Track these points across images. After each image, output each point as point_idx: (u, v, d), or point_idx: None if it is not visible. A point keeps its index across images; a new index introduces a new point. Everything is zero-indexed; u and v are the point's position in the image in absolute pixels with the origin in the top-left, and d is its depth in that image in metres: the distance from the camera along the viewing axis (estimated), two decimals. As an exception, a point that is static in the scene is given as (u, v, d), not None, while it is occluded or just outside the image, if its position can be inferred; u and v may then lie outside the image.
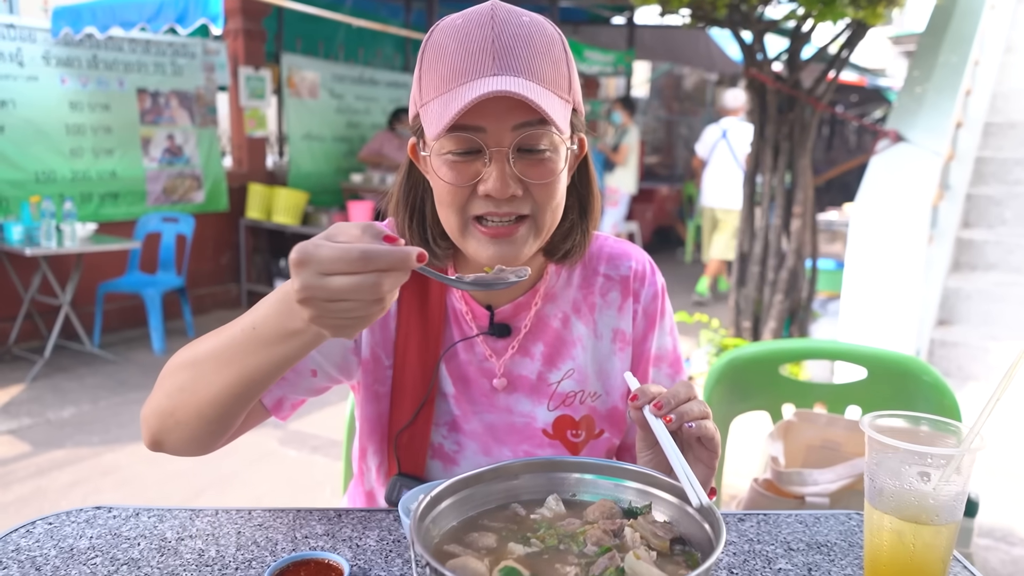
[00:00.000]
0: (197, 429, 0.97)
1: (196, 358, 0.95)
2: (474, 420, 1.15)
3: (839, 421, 1.69)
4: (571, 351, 1.17)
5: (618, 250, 1.22)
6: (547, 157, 0.97)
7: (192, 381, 0.94)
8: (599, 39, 9.68)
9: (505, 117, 0.93)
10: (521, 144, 0.96)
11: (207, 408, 0.94)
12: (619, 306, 1.20)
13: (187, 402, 0.95)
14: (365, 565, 0.97)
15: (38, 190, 5.36)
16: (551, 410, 1.15)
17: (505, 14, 0.96)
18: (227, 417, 0.97)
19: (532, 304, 1.15)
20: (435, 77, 0.95)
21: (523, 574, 0.74)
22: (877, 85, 13.39)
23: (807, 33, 3.94)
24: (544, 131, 0.95)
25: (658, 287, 1.22)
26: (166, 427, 0.99)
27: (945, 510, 0.89)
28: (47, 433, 4.00)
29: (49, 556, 0.98)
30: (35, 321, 5.42)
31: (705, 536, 0.79)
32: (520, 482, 0.89)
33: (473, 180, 0.96)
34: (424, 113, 0.96)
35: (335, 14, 6.24)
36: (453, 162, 0.97)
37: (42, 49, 5.42)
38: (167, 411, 0.98)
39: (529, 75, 0.93)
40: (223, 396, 0.93)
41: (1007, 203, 4.69)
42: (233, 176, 6.79)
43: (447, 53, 0.94)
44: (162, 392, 0.98)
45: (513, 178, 0.96)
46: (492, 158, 0.95)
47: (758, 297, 4.14)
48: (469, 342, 1.15)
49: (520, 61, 0.93)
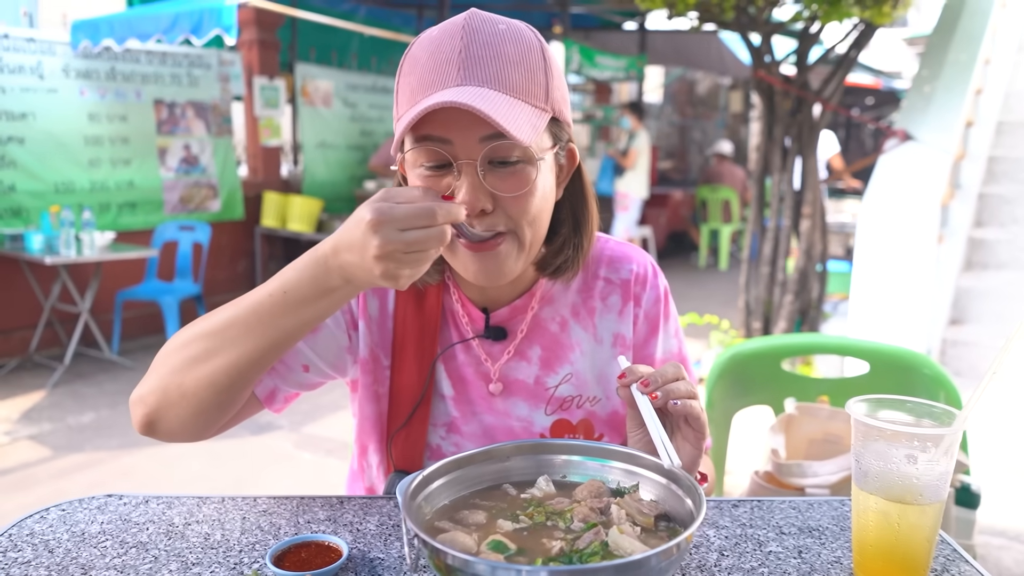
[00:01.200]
0: (203, 402, 0.98)
1: (213, 328, 0.95)
2: (473, 422, 1.16)
3: (840, 414, 1.70)
4: (569, 355, 1.16)
5: (619, 253, 1.21)
6: (518, 169, 0.96)
7: (208, 351, 0.95)
8: (611, 45, 9.73)
9: (471, 129, 0.93)
10: (492, 156, 0.94)
11: (222, 377, 0.96)
12: (619, 310, 1.18)
13: (200, 372, 0.96)
14: (364, 548, 1.00)
15: (57, 200, 5.46)
16: (548, 414, 1.15)
17: (479, 23, 0.95)
18: (236, 390, 0.99)
19: (529, 308, 1.15)
20: (407, 90, 0.96)
21: (510, 547, 0.76)
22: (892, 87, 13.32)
23: (815, 34, 3.95)
24: (514, 143, 0.92)
25: (660, 290, 1.21)
26: (168, 402, 0.99)
27: (930, 490, 0.90)
28: (67, 437, 4.07)
29: (62, 540, 1.02)
30: (55, 329, 5.51)
31: (686, 510, 0.82)
32: (511, 464, 0.92)
33: (447, 192, 0.95)
34: (397, 127, 0.97)
35: (348, 23, 6.33)
36: (425, 176, 0.97)
37: (62, 62, 5.53)
38: (173, 385, 0.98)
39: (496, 84, 0.92)
40: (242, 363, 0.95)
41: (1020, 202, 4.67)
42: (248, 185, 6.88)
43: (419, 65, 0.95)
44: (166, 368, 0.98)
45: (483, 192, 0.95)
46: (461, 171, 0.94)
47: (768, 298, 4.14)
48: (467, 343, 1.16)
49: (487, 70, 0.92)
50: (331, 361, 1.16)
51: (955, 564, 1.01)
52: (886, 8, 3.50)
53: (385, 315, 1.16)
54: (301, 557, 0.95)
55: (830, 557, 1.01)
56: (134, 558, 0.98)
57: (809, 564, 0.99)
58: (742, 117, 13.77)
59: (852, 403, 0.96)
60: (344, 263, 0.86)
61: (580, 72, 8.31)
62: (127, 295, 5.50)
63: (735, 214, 9.77)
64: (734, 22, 3.86)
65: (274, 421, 4.32)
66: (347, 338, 1.16)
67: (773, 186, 4.08)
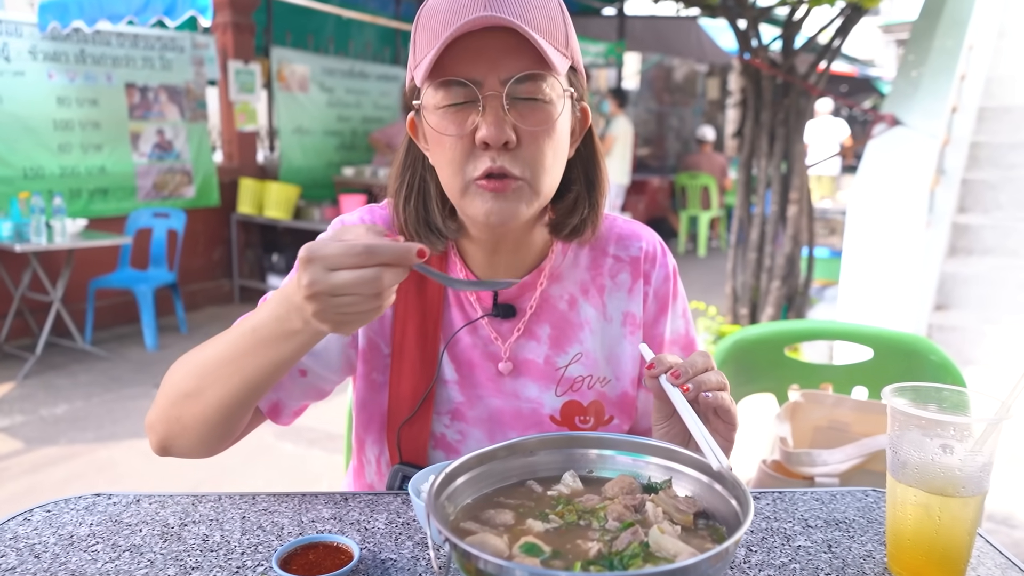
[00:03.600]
0: (204, 434, 0.99)
1: (200, 365, 0.96)
2: (478, 407, 1.11)
3: (846, 401, 1.67)
4: (578, 334, 1.13)
5: (628, 230, 1.18)
6: (540, 106, 0.95)
7: (197, 388, 0.96)
8: (589, 30, 9.64)
9: (497, 66, 0.92)
10: (516, 92, 0.93)
11: (213, 413, 0.96)
12: (629, 288, 1.15)
13: (193, 408, 0.97)
14: (375, 548, 0.95)
15: (26, 186, 5.29)
16: (559, 395, 1.11)
17: None
18: (233, 420, 0.99)
19: (537, 284, 1.11)
20: (428, 34, 0.94)
21: (544, 550, 0.71)
22: (867, 75, 13.40)
23: (801, 19, 3.92)
24: (539, 82, 0.93)
25: (669, 269, 1.18)
26: (173, 432, 1.01)
27: (972, 481, 0.86)
28: (40, 430, 3.95)
29: (48, 544, 0.95)
30: (26, 318, 5.36)
31: (730, 510, 0.77)
32: (536, 459, 0.86)
33: (469, 128, 0.94)
34: (418, 72, 0.94)
35: (324, 5, 6.20)
36: (446, 112, 0.94)
37: (29, 44, 5.35)
38: (173, 418, 0.99)
39: (523, 20, 0.91)
40: (228, 400, 0.95)
41: (1002, 187, 4.69)
42: (224, 171, 6.73)
43: (439, 10, 0.93)
44: (167, 400, 0.99)
45: (508, 124, 0.93)
46: (486, 104, 0.92)
47: (755, 284, 4.13)
48: (473, 325, 1.11)
49: (513, 9, 0.91)
50: (333, 363, 1.11)
51: (989, 556, 0.98)
52: (874, -9, 3.48)
53: None
54: (309, 559, 0.89)
55: (861, 551, 0.97)
56: (128, 562, 0.91)
57: (841, 559, 0.95)
58: (719, 104, 13.78)
59: (887, 391, 0.92)
60: (297, 303, 0.82)
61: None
62: (100, 283, 5.36)
63: (714, 201, 9.78)
64: (721, 7, 3.82)
65: (255, 412, 4.24)
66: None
67: (760, 172, 4.05)
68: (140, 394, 4.51)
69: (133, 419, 4.12)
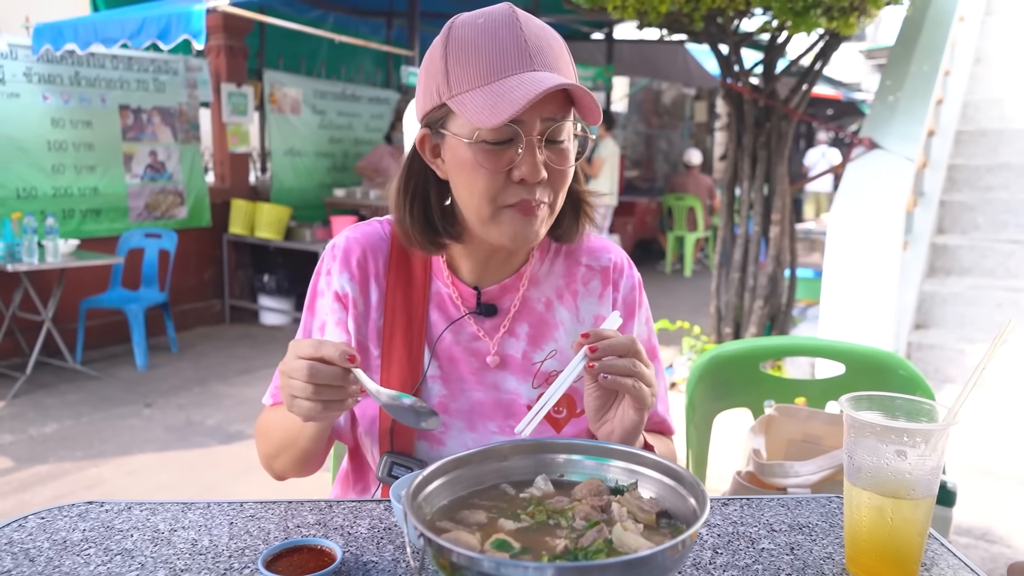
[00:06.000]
0: (294, 472, 1.23)
1: (270, 442, 1.22)
2: (461, 399, 1.19)
3: (819, 415, 1.72)
4: (554, 333, 1.22)
5: (598, 244, 1.30)
6: (566, 147, 1.07)
7: (277, 453, 1.21)
8: (578, 55, 9.75)
9: (540, 110, 1.01)
10: (548, 135, 1.04)
11: (292, 466, 1.21)
12: (600, 294, 1.26)
13: (279, 464, 1.22)
14: (357, 551, 0.99)
15: (19, 207, 5.33)
16: (535, 387, 1.20)
17: (524, 16, 1.04)
18: (315, 461, 1.21)
19: (519, 286, 1.21)
20: (470, 71, 1.01)
21: (514, 546, 0.76)
22: (852, 98, 13.60)
23: (782, 45, 4.02)
24: (567, 123, 1.05)
25: (635, 279, 1.30)
26: (275, 472, 1.25)
27: (922, 484, 0.92)
28: (29, 449, 3.96)
29: (42, 548, 0.99)
30: (16, 338, 5.37)
31: (690, 510, 0.82)
32: (509, 463, 0.91)
33: (508, 166, 1.03)
34: (460, 104, 1.01)
35: (317, 30, 6.29)
36: (490, 150, 1.03)
37: (23, 66, 5.41)
38: (268, 465, 1.25)
39: (557, 71, 1.02)
40: (301, 458, 1.18)
41: (980, 209, 4.79)
42: (216, 192, 6.78)
43: (480, 48, 1.01)
44: (261, 451, 1.26)
45: (542, 164, 1.04)
46: (526, 146, 1.02)
47: (739, 303, 4.19)
48: (459, 323, 1.20)
49: (550, 60, 1.02)
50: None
51: (943, 558, 1.02)
52: (852, 20, 3.58)
53: (369, 307, 1.20)
54: (294, 561, 0.94)
55: (822, 553, 1.02)
56: (119, 565, 0.95)
57: (802, 560, 1.00)
58: (707, 127, 13.94)
59: (843, 400, 0.97)
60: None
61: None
62: (91, 303, 5.38)
63: (700, 222, 9.88)
64: (703, 32, 3.91)
65: (244, 430, 4.26)
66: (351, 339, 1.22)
67: (743, 193, 4.13)
68: (130, 413, 4.53)
69: (122, 438, 4.14)
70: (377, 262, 1.21)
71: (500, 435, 1.19)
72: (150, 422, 4.40)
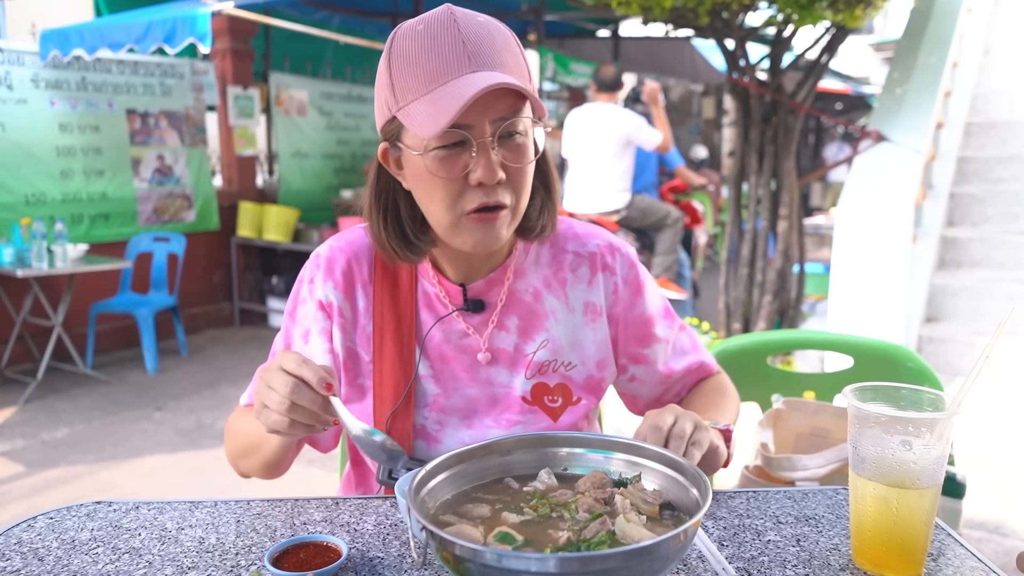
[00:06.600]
0: (260, 474, 1.23)
1: (238, 444, 1.22)
2: (455, 396, 1.19)
3: (827, 408, 1.71)
4: (544, 323, 1.22)
5: (584, 231, 1.29)
6: (522, 142, 1.05)
7: (243, 455, 1.21)
8: (584, 52, 9.76)
9: (487, 110, 1.00)
10: (501, 132, 1.02)
11: (260, 468, 1.20)
12: (589, 280, 1.25)
13: (246, 465, 1.23)
14: (363, 548, 0.99)
15: (28, 212, 5.37)
16: (528, 378, 1.20)
17: (463, 16, 1.02)
18: (283, 464, 1.21)
19: (504, 279, 1.21)
20: (411, 80, 1.00)
21: (517, 539, 0.76)
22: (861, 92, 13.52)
23: (788, 38, 4.00)
24: (518, 119, 1.03)
25: (629, 257, 1.29)
26: (240, 471, 1.26)
27: (927, 474, 0.91)
28: (41, 453, 3.99)
29: (51, 548, 1.00)
30: (27, 343, 5.41)
31: (693, 501, 0.82)
32: (512, 457, 0.91)
33: (463, 171, 1.02)
34: (405, 116, 1.01)
35: (322, 32, 6.30)
36: (443, 157, 1.02)
37: (31, 72, 5.45)
38: (234, 465, 1.27)
39: (501, 69, 1.00)
40: (266, 464, 1.18)
41: (990, 201, 4.76)
42: (223, 195, 6.81)
43: (418, 57, 1.00)
44: (228, 451, 1.26)
45: (498, 165, 1.02)
46: (479, 149, 1.01)
47: (747, 299, 4.18)
48: (447, 321, 1.20)
49: (490, 57, 1.00)
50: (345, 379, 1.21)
51: (950, 548, 1.02)
52: (858, 12, 3.55)
53: (358, 311, 1.21)
54: (300, 558, 0.94)
55: (828, 544, 1.02)
56: (127, 564, 0.96)
57: (808, 552, 1.00)
58: (715, 123, 13.90)
59: (847, 391, 0.97)
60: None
61: (555, 79, 8.34)
62: (101, 308, 5.42)
63: (709, 218, 9.84)
64: (708, 27, 3.90)
65: (254, 432, 4.27)
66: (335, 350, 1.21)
67: (750, 189, 4.11)
68: (140, 417, 4.55)
69: (133, 441, 4.16)
70: (362, 269, 1.21)
71: (496, 430, 1.19)
72: (160, 425, 4.42)
